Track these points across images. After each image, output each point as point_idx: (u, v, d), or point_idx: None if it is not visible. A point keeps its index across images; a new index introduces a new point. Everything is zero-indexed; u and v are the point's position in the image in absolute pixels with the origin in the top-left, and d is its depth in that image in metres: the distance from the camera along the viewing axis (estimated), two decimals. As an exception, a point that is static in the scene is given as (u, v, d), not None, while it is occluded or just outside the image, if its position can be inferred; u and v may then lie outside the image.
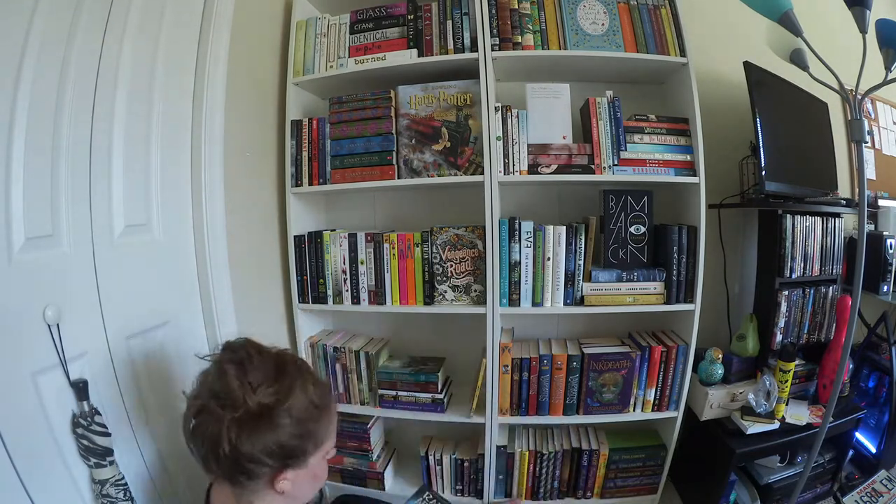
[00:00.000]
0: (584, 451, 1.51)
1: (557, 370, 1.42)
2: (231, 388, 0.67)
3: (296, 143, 1.46)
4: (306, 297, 1.51)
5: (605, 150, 1.35)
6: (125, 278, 0.98)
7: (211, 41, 1.17)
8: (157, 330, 1.07)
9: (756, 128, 1.37)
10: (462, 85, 1.38)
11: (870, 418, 1.66)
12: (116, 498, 0.85)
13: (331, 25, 1.45)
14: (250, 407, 0.66)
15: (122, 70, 0.97)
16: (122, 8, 0.95)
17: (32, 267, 0.79)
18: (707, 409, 1.43)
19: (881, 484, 1.53)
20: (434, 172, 1.39)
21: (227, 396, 0.66)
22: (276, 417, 0.67)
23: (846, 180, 1.76)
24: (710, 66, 1.55)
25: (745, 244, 1.66)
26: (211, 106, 1.17)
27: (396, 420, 1.63)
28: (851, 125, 1.19)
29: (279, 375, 0.71)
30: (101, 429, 0.85)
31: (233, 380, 0.67)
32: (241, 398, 0.66)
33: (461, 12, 1.36)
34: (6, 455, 0.72)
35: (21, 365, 0.76)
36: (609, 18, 1.37)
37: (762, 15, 1.20)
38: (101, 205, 0.93)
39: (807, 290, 1.48)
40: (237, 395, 0.66)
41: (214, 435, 0.65)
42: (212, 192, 1.19)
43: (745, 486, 1.50)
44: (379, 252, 1.44)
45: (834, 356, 1.44)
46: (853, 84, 1.15)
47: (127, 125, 0.98)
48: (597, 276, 1.37)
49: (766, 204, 1.44)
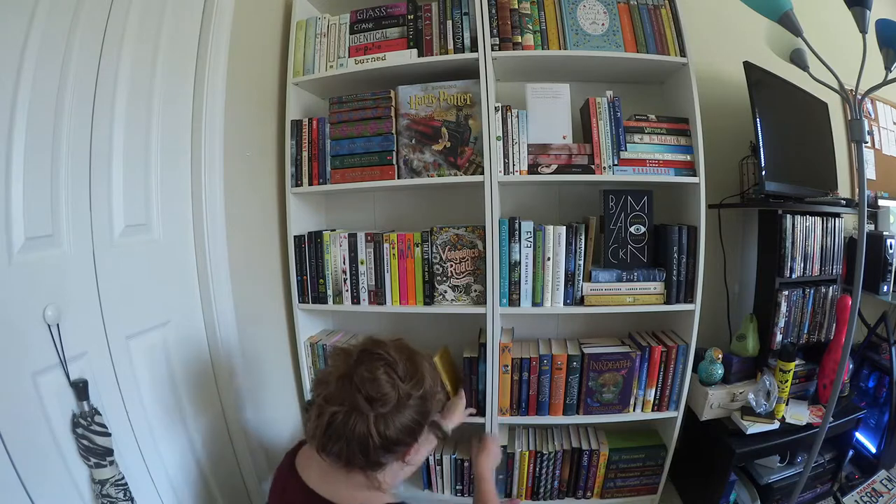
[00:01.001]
0: (584, 451, 1.51)
1: (557, 370, 1.42)
2: (386, 392, 0.73)
3: (296, 143, 1.46)
4: (306, 297, 1.51)
5: (605, 150, 1.35)
6: (125, 278, 0.98)
7: (211, 41, 1.17)
8: (157, 330, 1.07)
9: (756, 128, 1.37)
10: (462, 85, 1.38)
11: (870, 418, 1.66)
12: (116, 498, 0.85)
13: (331, 25, 1.45)
14: (400, 399, 0.74)
15: (122, 69, 0.97)
16: (122, 7, 0.95)
17: (32, 267, 0.79)
18: (707, 409, 1.43)
19: (881, 484, 1.53)
20: (434, 172, 1.39)
21: (383, 398, 0.72)
22: (415, 400, 0.76)
23: (846, 180, 1.75)
24: (710, 66, 1.55)
25: (745, 244, 1.66)
26: (211, 106, 1.17)
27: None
28: (851, 125, 1.19)
29: (414, 366, 0.79)
30: (101, 429, 0.85)
31: (385, 383, 0.73)
32: (394, 396, 0.73)
33: (461, 12, 1.36)
34: (6, 455, 0.72)
35: (21, 365, 0.77)
36: (609, 18, 1.37)
37: (762, 15, 1.20)
38: (101, 205, 0.93)
39: (807, 290, 1.48)
40: (391, 395, 0.73)
41: (363, 433, 0.70)
42: (212, 192, 1.19)
43: (745, 486, 1.50)
44: (379, 252, 1.44)
45: (834, 356, 1.44)
46: (853, 84, 1.15)
47: (127, 125, 0.98)
48: (597, 276, 1.37)
49: (766, 204, 1.44)
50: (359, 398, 0.71)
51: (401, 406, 0.73)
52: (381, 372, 0.74)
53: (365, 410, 0.71)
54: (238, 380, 1.27)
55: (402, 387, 0.74)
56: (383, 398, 0.72)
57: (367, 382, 0.72)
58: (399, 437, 0.74)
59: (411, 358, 0.79)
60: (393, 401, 0.72)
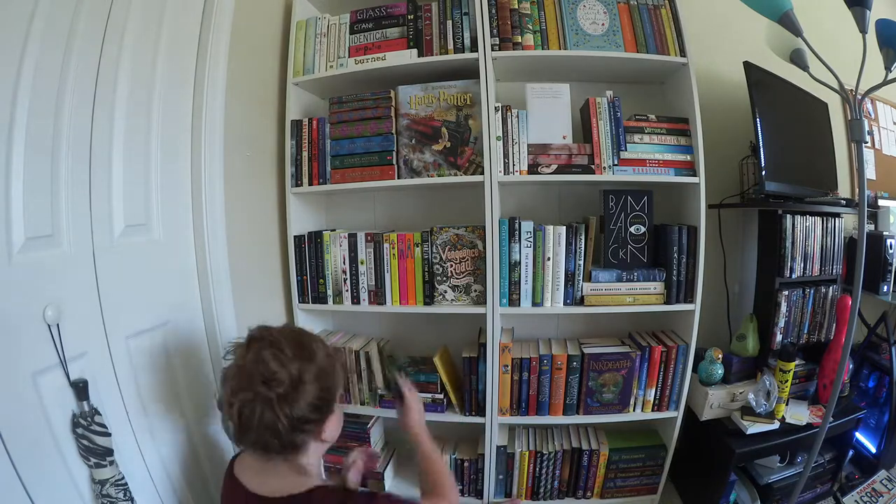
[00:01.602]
0: (584, 451, 1.51)
1: (557, 370, 1.42)
2: (274, 370, 0.74)
3: (296, 143, 1.46)
4: (306, 297, 1.51)
5: (605, 150, 1.35)
6: (125, 278, 0.98)
7: (211, 41, 1.17)
8: (157, 330, 1.07)
9: (756, 128, 1.37)
10: (462, 85, 1.38)
11: (870, 418, 1.66)
12: (116, 498, 0.85)
13: (331, 25, 1.45)
14: (294, 378, 0.74)
15: (121, 70, 0.97)
16: (122, 8, 0.95)
17: (32, 267, 0.79)
18: (707, 409, 1.43)
19: (881, 484, 1.53)
20: (434, 172, 1.39)
21: (274, 377, 0.73)
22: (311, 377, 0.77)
23: (846, 180, 1.75)
24: (710, 66, 1.55)
25: (745, 244, 1.66)
26: (211, 106, 1.17)
27: (396, 420, 1.63)
28: (851, 125, 1.19)
29: (300, 344, 0.80)
30: (101, 429, 0.85)
31: (272, 362, 0.74)
32: (285, 374, 0.74)
33: (461, 12, 1.36)
34: (6, 455, 0.72)
35: (21, 365, 0.76)
36: (609, 18, 1.37)
37: (762, 15, 1.20)
38: (101, 205, 0.93)
39: (807, 290, 1.48)
40: (282, 374, 0.74)
41: (270, 418, 0.72)
42: (212, 192, 1.18)
43: (745, 486, 1.50)
44: (379, 252, 1.44)
45: (834, 356, 1.44)
46: (853, 84, 1.15)
47: (127, 125, 0.98)
48: (597, 276, 1.37)
49: (766, 204, 1.44)
50: (255, 383, 0.73)
51: (298, 384, 0.75)
52: (268, 353, 0.75)
53: (265, 393, 0.72)
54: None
55: (291, 365, 0.75)
56: (275, 378, 0.73)
57: (259, 365, 0.74)
58: (306, 415, 0.75)
59: (298, 338, 0.81)
60: (286, 380, 0.74)
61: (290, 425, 0.73)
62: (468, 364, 1.45)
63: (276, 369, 0.74)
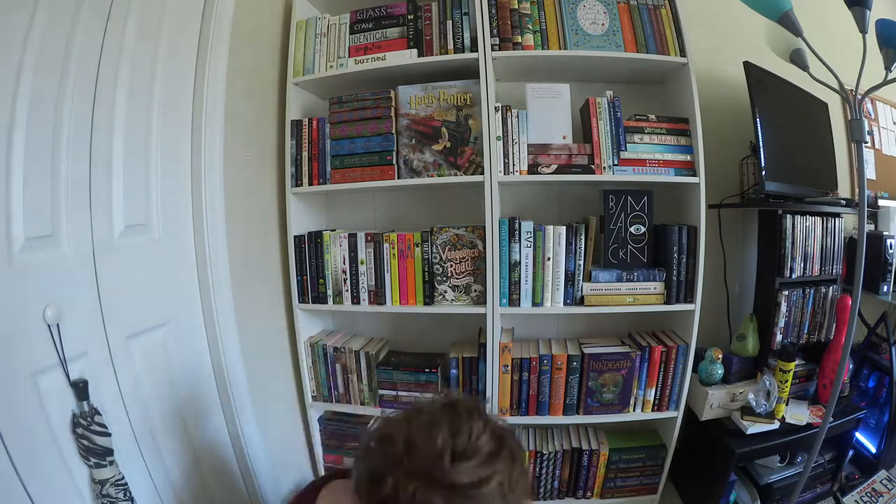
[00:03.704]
0: (584, 451, 1.51)
1: (557, 370, 1.42)
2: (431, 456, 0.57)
3: (296, 143, 1.46)
4: (306, 297, 1.51)
5: (605, 150, 1.35)
6: (125, 278, 0.98)
7: (211, 41, 1.17)
8: (157, 330, 1.07)
9: (756, 128, 1.37)
10: (462, 85, 1.38)
11: (870, 418, 1.66)
12: (116, 498, 0.85)
13: (331, 25, 1.45)
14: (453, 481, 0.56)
15: (122, 70, 0.97)
16: (122, 8, 0.95)
17: (32, 267, 0.79)
18: (707, 409, 1.43)
19: (881, 484, 1.53)
20: (434, 172, 1.39)
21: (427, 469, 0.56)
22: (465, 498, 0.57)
23: (846, 180, 1.75)
24: (710, 66, 1.55)
25: (745, 244, 1.66)
26: (211, 106, 1.17)
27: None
28: (851, 125, 1.20)
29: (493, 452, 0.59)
30: (101, 429, 0.85)
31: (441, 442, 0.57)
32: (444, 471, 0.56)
33: (461, 12, 1.36)
34: (6, 455, 0.72)
35: (21, 365, 0.76)
36: (609, 18, 1.37)
37: (762, 15, 1.20)
38: (101, 205, 0.93)
39: (807, 290, 1.48)
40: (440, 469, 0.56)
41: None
42: (212, 192, 1.18)
43: (745, 486, 1.50)
44: (379, 252, 1.44)
45: (834, 356, 1.44)
46: (853, 84, 1.15)
47: (127, 125, 0.98)
48: (597, 276, 1.37)
49: (766, 204, 1.44)
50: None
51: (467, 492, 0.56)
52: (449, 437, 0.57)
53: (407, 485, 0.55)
54: (238, 380, 1.27)
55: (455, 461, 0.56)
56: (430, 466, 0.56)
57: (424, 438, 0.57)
58: None
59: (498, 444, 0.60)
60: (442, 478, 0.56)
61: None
62: (468, 364, 1.45)
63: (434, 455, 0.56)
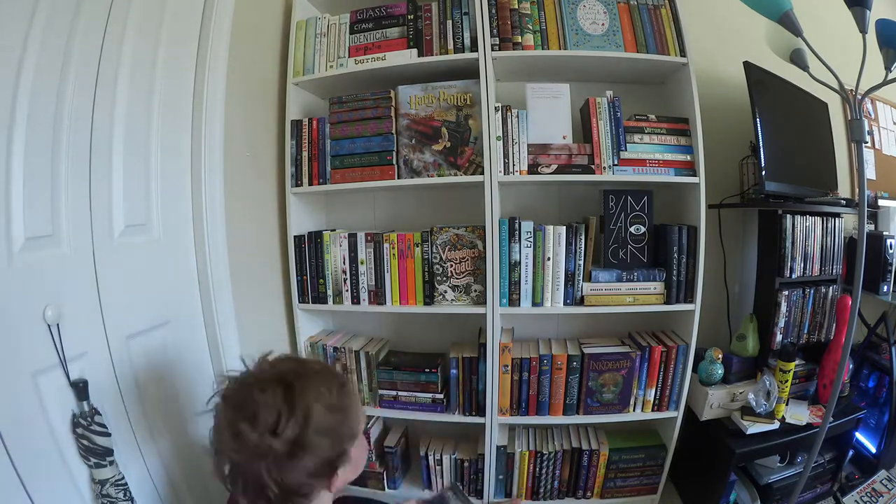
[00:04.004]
0: (584, 451, 1.51)
1: (557, 370, 1.42)
2: (254, 444, 0.64)
3: (296, 143, 1.46)
4: (306, 297, 1.51)
5: (605, 150, 1.35)
6: (125, 278, 0.98)
7: (211, 41, 1.17)
8: (157, 330, 1.07)
9: (756, 128, 1.37)
10: (462, 85, 1.38)
11: (870, 418, 1.66)
12: (116, 498, 0.85)
13: (331, 25, 1.45)
14: (279, 449, 0.64)
15: (122, 70, 0.97)
16: (122, 8, 0.95)
17: (32, 267, 0.79)
18: (707, 409, 1.43)
19: (881, 484, 1.53)
20: (434, 172, 1.39)
21: (254, 453, 0.64)
22: (308, 442, 0.66)
23: (846, 180, 1.75)
24: (710, 66, 1.55)
25: (745, 244, 1.66)
26: (211, 106, 1.17)
27: (396, 420, 1.63)
28: (851, 125, 1.19)
29: (290, 402, 0.66)
30: (101, 429, 0.85)
31: (250, 435, 0.63)
32: (267, 446, 0.64)
33: (461, 12, 1.36)
34: (6, 455, 0.72)
35: (21, 365, 0.76)
36: (609, 18, 1.37)
37: (762, 15, 1.20)
38: (101, 205, 0.93)
39: (807, 290, 1.48)
40: (263, 447, 0.64)
41: (259, 485, 0.65)
42: (212, 192, 1.19)
43: (745, 486, 1.50)
44: (379, 252, 1.44)
45: (834, 356, 1.44)
46: (853, 84, 1.15)
47: (127, 125, 0.98)
48: (597, 276, 1.37)
49: (766, 204, 1.44)
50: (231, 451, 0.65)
51: (292, 454, 0.65)
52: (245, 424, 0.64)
53: (244, 464, 0.65)
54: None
55: (270, 436, 0.63)
56: (255, 450, 0.64)
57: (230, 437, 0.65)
58: (304, 481, 0.67)
59: (288, 392, 0.67)
60: (267, 450, 0.64)
61: (284, 492, 0.65)
62: (468, 364, 1.45)
63: (255, 443, 0.63)
